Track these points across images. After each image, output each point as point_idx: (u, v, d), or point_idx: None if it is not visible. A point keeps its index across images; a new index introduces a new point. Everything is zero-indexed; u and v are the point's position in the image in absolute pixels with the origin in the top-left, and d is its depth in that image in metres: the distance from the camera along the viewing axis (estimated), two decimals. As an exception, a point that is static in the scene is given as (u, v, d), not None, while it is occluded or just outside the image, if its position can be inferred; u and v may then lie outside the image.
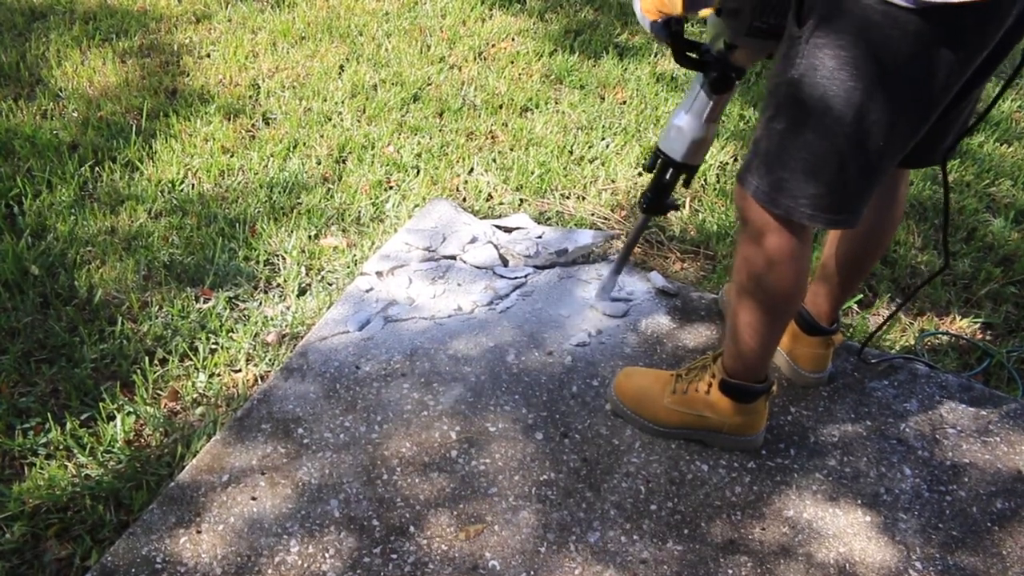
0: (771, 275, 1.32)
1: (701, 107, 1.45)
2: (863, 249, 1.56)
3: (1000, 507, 1.55)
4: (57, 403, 1.64)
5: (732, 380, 1.49)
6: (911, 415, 1.72)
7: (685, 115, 1.48)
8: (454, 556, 1.38)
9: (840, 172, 1.17)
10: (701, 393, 1.54)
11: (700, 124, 1.46)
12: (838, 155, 1.16)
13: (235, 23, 3.16)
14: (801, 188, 1.20)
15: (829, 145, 1.15)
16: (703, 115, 1.46)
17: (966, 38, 1.03)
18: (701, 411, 1.55)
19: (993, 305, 2.14)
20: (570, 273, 2.03)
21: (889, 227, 1.54)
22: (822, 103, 1.12)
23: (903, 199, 1.51)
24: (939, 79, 1.07)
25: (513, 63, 3.03)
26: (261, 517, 1.42)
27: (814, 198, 1.20)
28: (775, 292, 1.34)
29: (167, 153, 2.37)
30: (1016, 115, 3.03)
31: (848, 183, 1.19)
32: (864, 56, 1.05)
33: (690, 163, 1.52)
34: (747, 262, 1.34)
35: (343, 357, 1.74)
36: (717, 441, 1.59)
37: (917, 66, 1.05)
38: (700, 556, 1.42)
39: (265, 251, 2.06)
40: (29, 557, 1.38)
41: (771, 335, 1.44)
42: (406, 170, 2.42)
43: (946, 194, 1.47)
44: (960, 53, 1.05)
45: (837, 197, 1.21)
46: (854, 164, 1.17)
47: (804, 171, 1.19)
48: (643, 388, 1.61)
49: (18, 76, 2.68)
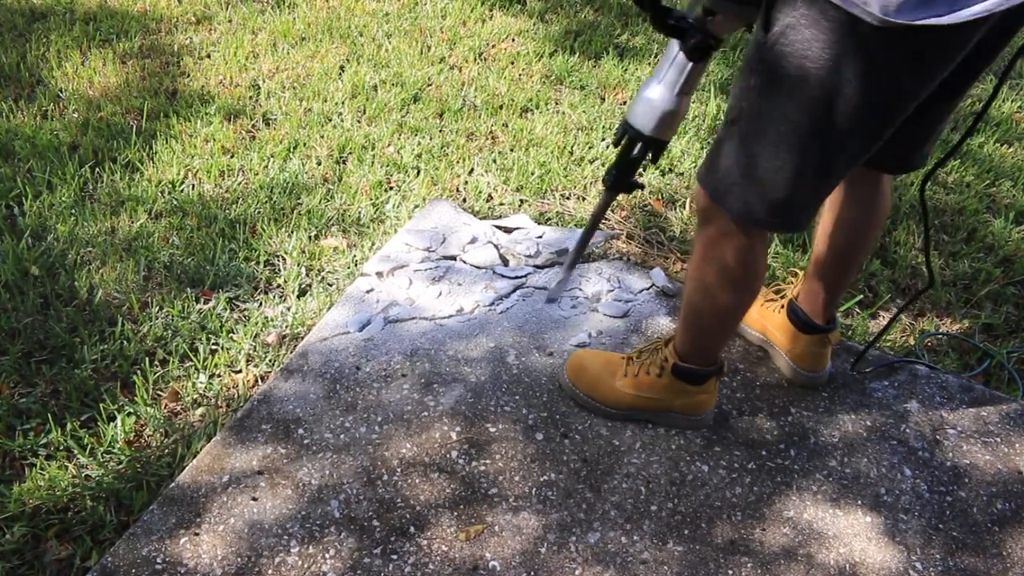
0: (722, 273, 1.36)
1: (675, 77, 1.36)
2: (848, 248, 1.58)
3: (1000, 508, 1.55)
4: (57, 404, 1.64)
5: (684, 365, 1.52)
6: (911, 416, 1.72)
7: (657, 85, 1.37)
8: (454, 557, 1.38)
9: (794, 179, 1.19)
10: (653, 376, 1.57)
11: (672, 96, 1.37)
12: (793, 162, 1.17)
13: (235, 24, 3.16)
14: (754, 191, 1.23)
15: (785, 152, 1.17)
16: (676, 86, 1.36)
17: (925, 57, 1.05)
18: (653, 393, 1.58)
19: (993, 306, 2.13)
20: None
21: (871, 226, 1.55)
22: (781, 110, 1.13)
23: (885, 200, 1.53)
24: (897, 94, 1.09)
25: (513, 64, 3.03)
26: (261, 518, 1.42)
27: (766, 202, 1.23)
28: (725, 289, 1.38)
29: (167, 154, 2.38)
30: (1016, 116, 3.03)
31: (800, 189, 1.22)
32: (825, 66, 1.06)
33: (660, 138, 1.42)
34: (700, 257, 1.38)
35: (343, 358, 1.74)
36: (668, 421, 1.62)
37: (875, 79, 1.06)
38: (701, 557, 1.42)
39: (265, 252, 2.06)
40: (29, 558, 1.38)
41: (722, 327, 1.49)
42: (406, 171, 2.42)
43: (925, 217, 1.51)
44: (920, 71, 1.07)
45: (788, 203, 1.23)
46: (808, 172, 1.19)
47: (759, 175, 1.21)
48: (596, 371, 1.64)
49: (18, 77, 2.68)
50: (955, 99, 1.27)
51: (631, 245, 2.19)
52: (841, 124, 1.12)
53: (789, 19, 1.06)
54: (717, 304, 1.41)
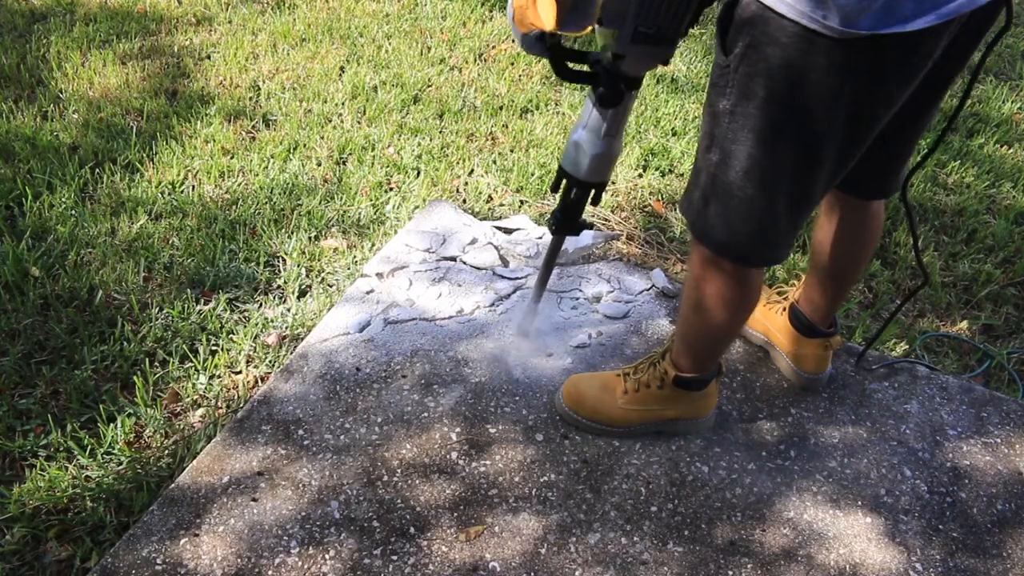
0: (717, 295, 1.34)
1: (597, 123, 1.32)
2: (842, 269, 1.56)
3: (1000, 508, 1.55)
4: (57, 405, 1.64)
5: (684, 376, 1.52)
6: (911, 417, 1.72)
7: (582, 131, 1.34)
8: (454, 557, 1.38)
9: (770, 206, 1.17)
10: (653, 389, 1.56)
11: (599, 140, 1.33)
12: (767, 184, 1.15)
13: (235, 25, 3.16)
14: (734, 226, 1.21)
15: (757, 174, 1.14)
16: (600, 130, 1.32)
17: (892, 66, 1.03)
18: (658, 405, 1.57)
19: (993, 307, 2.13)
20: (570, 274, 2.03)
21: (864, 248, 1.53)
22: (754, 134, 1.10)
23: (878, 217, 1.50)
24: (867, 109, 1.07)
25: (513, 65, 3.03)
26: (261, 519, 1.42)
27: (746, 236, 1.21)
28: (721, 309, 1.36)
29: (167, 155, 2.38)
30: (1016, 117, 3.03)
31: (778, 218, 1.19)
32: (788, 83, 1.04)
33: (595, 180, 1.39)
34: (694, 280, 1.36)
35: (343, 359, 1.74)
36: (674, 429, 1.62)
37: (841, 93, 1.04)
38: (701, 557, 1.42)
39: (265, 253, 2.06)
40: (29, 559, 1.38)
41: (720, 342, 1.48)
42: (406, 172, 2.43)
43: (910, 216, 1.47)
44: (887, 80, 1.04)
45: (768, 233, 1.21)
46: (784, 194, 1.16)
47: (737, 208, 1.18)
48: (594, 395, 1.61)
49: (19, 78, 2.68)
50: (929, 111, 1.24)
51: (631, 246, 2.19)
52: (812, 141, 1.09)
53: (748, 39, 1.04)
54: (714, 323, 1.39)
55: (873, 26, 0.95)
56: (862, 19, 0.95)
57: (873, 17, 0.95)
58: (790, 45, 1.01)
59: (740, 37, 1.05)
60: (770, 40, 1.02)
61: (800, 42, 1.00)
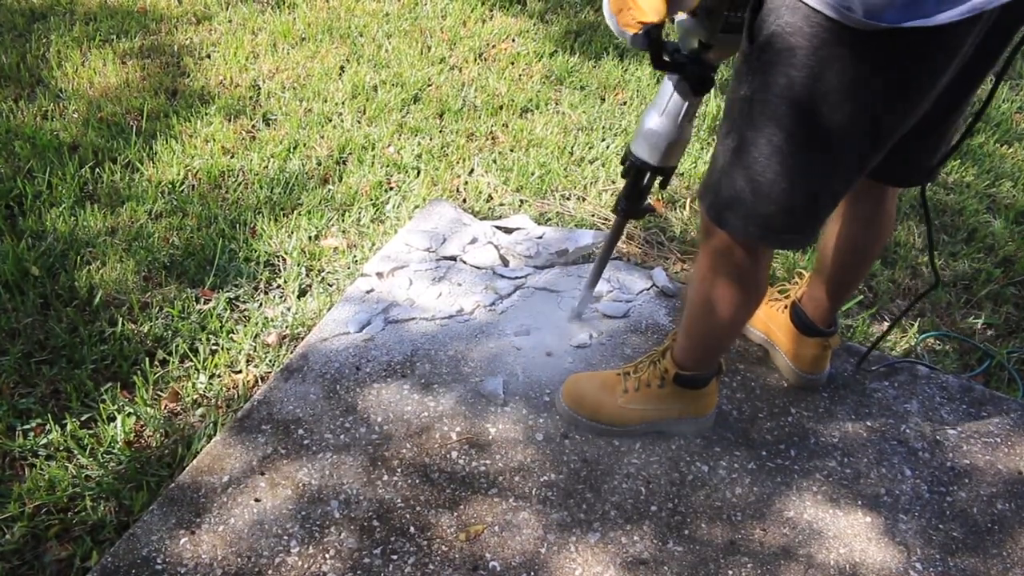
0: (725, 289, 1.35)
1: (676, 108, 1.39)
2: (851, 262, 1.56)
3: (1000, 508, 1.55)
4: (57, 404, 1.64)
5: (686, 373, 1.52)
6: (911, 416, 1.72)
7: (659, 117, 1.41)
8: (454, 557, 1.38)
9: (790, 193, 1.17)
10: (654, 387, 1.56)
11: (676, 126, 1.41)
12: (789, 174, 1.15)
13: (235, 24, 3.16)
14: (751, 207, 1.21)
15: (778, 163, 1.14)
16: (679, 116, 1.40)
17: (916, 61, 1.02)
18: (659, 404, 1.57)
19: (993, 306, 2.14)
20: (570, 273, 2.03)
21: (875, 242, 1.53)
22: (773, 122, 1.11)
23: (890, 215, 1.50)
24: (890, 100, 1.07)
25: (513, 64, 3.03)
26: (261, 518, 1.42)
27: (763, 218, 1.21)
28: (728, 305, 1.36)
29: (167, 154, 2.38)
30: (1016, 116, 3.03)
31: (797, 204, 1.19)
32: (811, 74, 1.04)
33: (666, 165, 1.47)
34: (703, 273, 1.37)
35: (343, 358, 1.74)
36: (674, 428, 1.61)
37: (865, 86, 1.04)
38: (701, 557, 1.42)
39: (265, 252, 2.06)
40: (29, 558, 1.38)
41: (724, 339, 1.48)
42: (406, 171, 2.43)
43: (927, 216, 1.47)
44: (911, 75, 1.04)
45: (786, 218, 1.21)
46: (805, 185, 1.17)
47: (754, 191, 1.19)
48: (594, 394, 1.60)
49: (18, 77, 2.68)
50: (959, 107, 1.23)
51: (631, 245, 2.19)
52: (834, 134, 1.09)
53: (773, 28, 1.05)
54: (719, 319, 1.39)
55: (897, 19, 0.95)
56: (886, 12, 0.95)
57: (897, 10, 0.95)
58: (814, 35, 1.01)
59: (766, 25, 1.06)
60: (795, 30, 1.02)
61: (824, 32, 1.00)
